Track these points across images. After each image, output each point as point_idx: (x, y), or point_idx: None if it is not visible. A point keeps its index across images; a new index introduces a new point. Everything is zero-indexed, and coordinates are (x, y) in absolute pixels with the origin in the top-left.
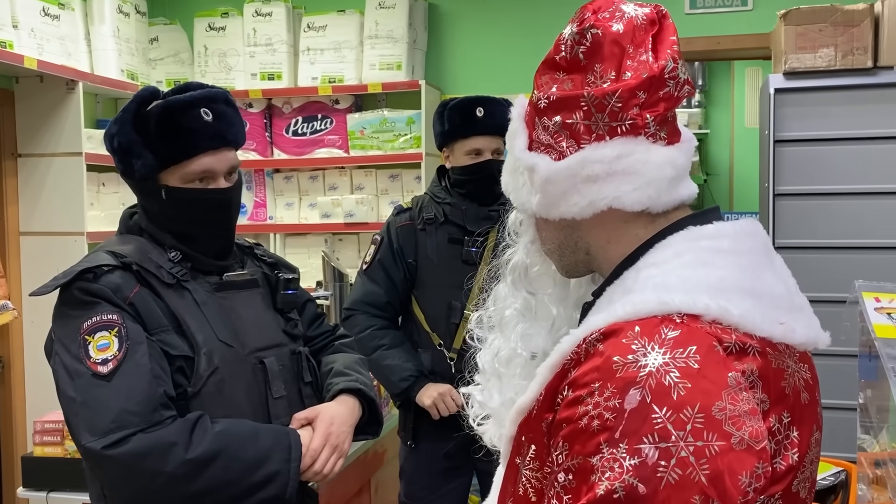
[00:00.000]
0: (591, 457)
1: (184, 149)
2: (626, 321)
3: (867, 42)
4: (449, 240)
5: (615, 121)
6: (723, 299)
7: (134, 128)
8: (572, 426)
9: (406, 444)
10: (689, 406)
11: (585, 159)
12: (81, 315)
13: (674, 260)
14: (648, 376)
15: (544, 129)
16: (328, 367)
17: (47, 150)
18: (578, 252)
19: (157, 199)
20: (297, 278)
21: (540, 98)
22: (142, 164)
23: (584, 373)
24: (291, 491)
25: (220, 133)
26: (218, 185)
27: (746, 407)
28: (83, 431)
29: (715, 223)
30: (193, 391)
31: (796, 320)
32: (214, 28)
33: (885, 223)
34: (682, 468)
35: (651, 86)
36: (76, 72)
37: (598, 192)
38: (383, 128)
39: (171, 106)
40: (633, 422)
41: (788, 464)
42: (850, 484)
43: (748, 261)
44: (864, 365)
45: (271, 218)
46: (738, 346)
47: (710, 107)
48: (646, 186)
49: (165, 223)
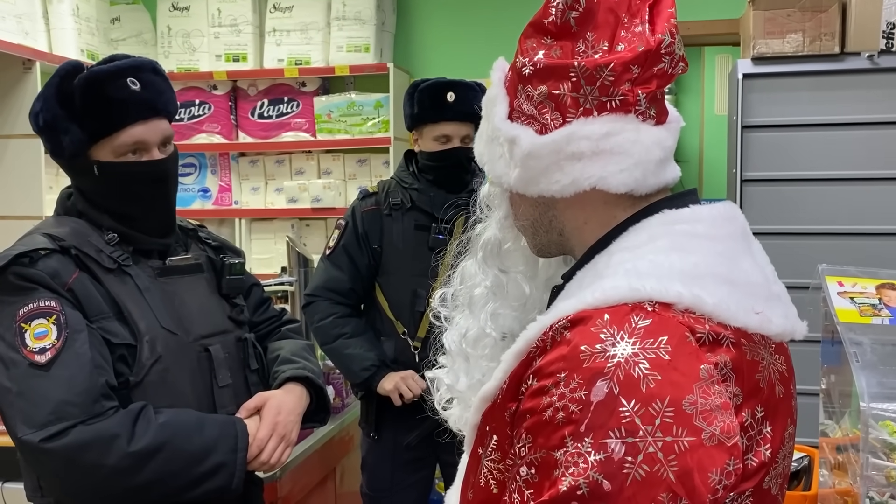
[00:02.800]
0: (555, 451)
1: (112, 120)
2: (596, 308)
3: (835, 28)
4: (415, 226)
5: (605, 95)
6: (697, 287)
7: (58, 102)
8: (536, 417)
9: (368, 436)
10: (659, 399)
11: (572, 135)
12: (17, 301)
13: (647, 244)
14: (617, 367)
15: (527, 98)
16: (274, 353)
17: (3, 131)
18: (552, 232)
19: (90, 176)
20: (243, 262)
21: (525, 64)
22: (70, 140)
23: (550, 361)
24: (238, 482)
25: (149, 102)
26: (152, 157)
27: (718, 401)
28: (19, 423)
29: (692, 206)
30: (136, 380)
31: (773, 309)
32: (178, 8)
33: (851, 209)
34: (650, 464)
35: (646, 60)
36: (33, 51)
37: (583, 171)
38: (351, 111)
39: (95, 76)
40: (600, 415)
41: (760, 460)
42: (812, 469)
43: (725, 246)
44: (826, 350)
45: (236, 203)
46: (712, 336)
47: (681, 94)
48: (633, 168)
49: (101, 202)
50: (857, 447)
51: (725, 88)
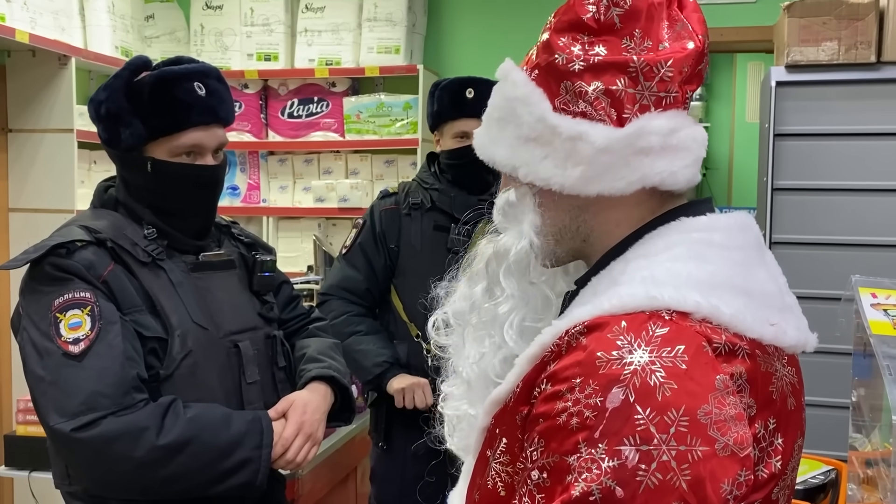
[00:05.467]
0: (568, 456)
1: (176, 121)
2: (612, 315)
3: (871, 36)
4: (434, 227)
5: (663, 91)
6: (714, 297)
7: (125, 95)
8: (549, 422)
9: (377, 446)
10: (674, 408)
11: (641, 129)
12: (53, 291)
13: (664, 252)
14: (633, 375)
15: (578, 94)
16: (301, 352)
17: (38, 125)
18: (576, 239)
19: (142, 171)
20: (275, 260)
21: (572, 60)
22: (130, 134)
23: (565, 367)
24: (262, 478)
25: (212, 108)
26: (205, 162)
27: (733, 412)
28: (51, 412)
29: (708, 215)
30: (166, 374)
31: (787, 321)
32: (211, 7)
33: (884, 220)
34: (663, 472)
35: (696, 59)
36: (69, 47)
37: (652, 166)
38: (380, 112)
39: (165, 76)
40: (615, 422)
41: (771, 472)
42: (840, 483)
43: (741, 256)
44: (858, 363)
45: (265, 201)
46: (728, 347)
47: (711, 100)
48: (694, 164)
49: (146, 197)
50: (887, 462)
51: (757, 96)
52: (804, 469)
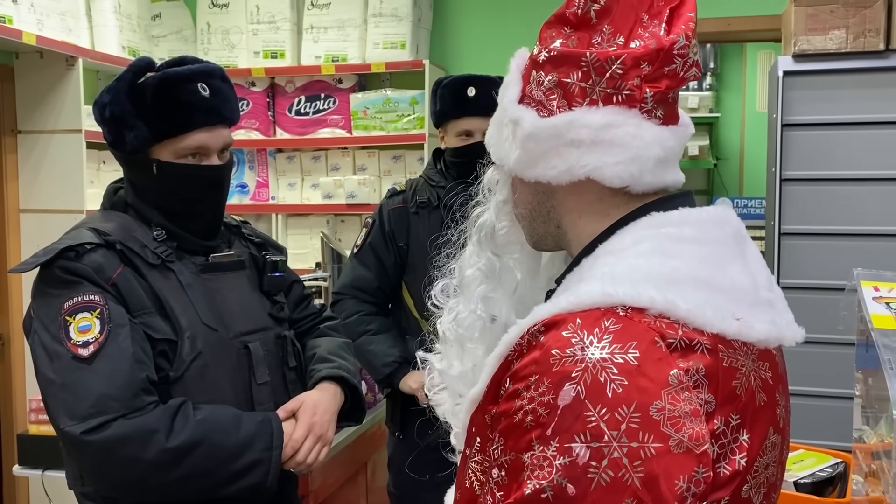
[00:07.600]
0: (523, 453)
1: (180, 122)
2: (570, 312)
3: (879, 24)
4: (442, 224)
5: (612, 88)
6: (671, 292)
7: (129, 98)
8: (508, 420)
9: (394, 435)
10: (625, 404)
11: (573, 122)
12: (62, 294)
13: (631, 248)
14: (584, 372)
15: (538, 83)
16: (312, 352)
17: (47, 126)
18: (550, 223)
19: (148, 173)
20: (285, 259)
21: (541, 51)
22: (134, 136)
23: (524, 365)
24: (272, 479)
25: (216, 109)
26: (211, 163)
27: (688, 407)
28: (62, 415)
29: (681, 209)
30: (176, 376)
31: (756, 315)
32: (217, 5)
33: (894, 209)
34: (615, 469)
35: (657, 59)
36: (76, 48)
37: (580, 158)
38: (386, 108)
39: (169, 78)
40: (566, 419)
41: (734, 468)
42: (847, 475)
43: (711, 251)
44: (861, 354)
45: (273, 198)
46: (684, 342)
47: (722, 90)
48: (629, 162)
49: (153, 198)
50: (889, 454)
51: (767, 85)
52: (812, 462)
